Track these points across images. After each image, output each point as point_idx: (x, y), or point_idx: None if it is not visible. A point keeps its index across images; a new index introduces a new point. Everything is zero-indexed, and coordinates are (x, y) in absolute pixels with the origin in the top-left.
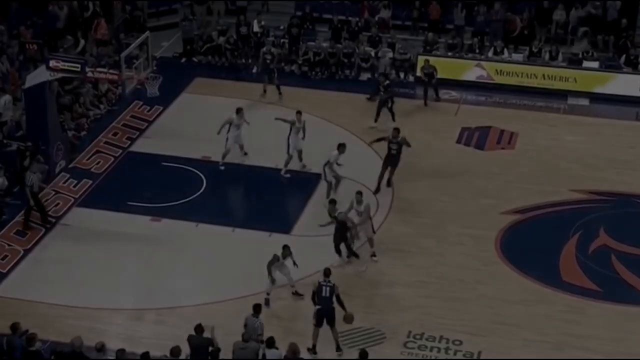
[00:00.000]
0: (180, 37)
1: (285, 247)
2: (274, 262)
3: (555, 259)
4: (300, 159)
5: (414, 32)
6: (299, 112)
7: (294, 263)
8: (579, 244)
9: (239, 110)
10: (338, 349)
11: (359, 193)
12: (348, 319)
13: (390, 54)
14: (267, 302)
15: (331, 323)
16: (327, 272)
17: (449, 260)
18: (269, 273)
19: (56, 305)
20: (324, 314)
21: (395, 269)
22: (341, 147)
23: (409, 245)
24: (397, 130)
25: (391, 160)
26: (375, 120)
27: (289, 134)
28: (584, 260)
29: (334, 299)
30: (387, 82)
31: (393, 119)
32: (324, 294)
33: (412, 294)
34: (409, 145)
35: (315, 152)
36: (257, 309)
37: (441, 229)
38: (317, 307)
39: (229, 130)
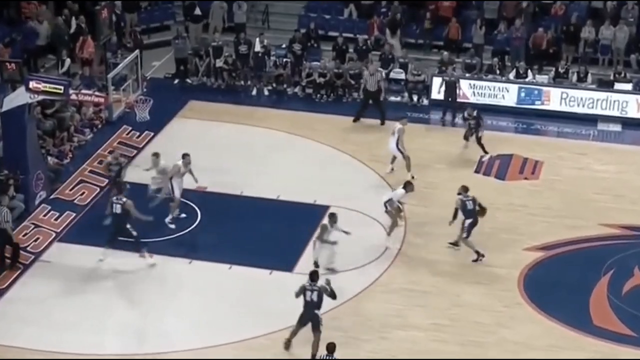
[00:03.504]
0: (172, 56)
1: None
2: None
3: (584, 300)
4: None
5: (426, 51)
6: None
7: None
8: (611, 283)
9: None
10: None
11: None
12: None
13: (380, 72)
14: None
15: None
16: (465, 188)
17: (467, 301)
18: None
19: (34, 350)
20: (475, 224)
21: (407, 309)
22: (409, 186)
23: (422, 284)
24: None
25: None
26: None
27: (397, 141)
28: (617, 302)
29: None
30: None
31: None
32: (469, 207)
33: (426, 338)
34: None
35: (321, 183)
36: (330, 347)
37: (458, 267)
38: (469, 220)
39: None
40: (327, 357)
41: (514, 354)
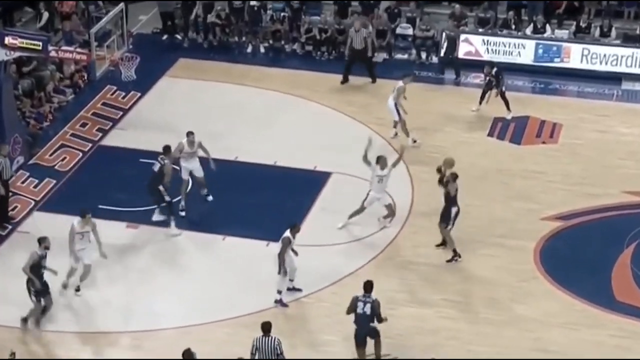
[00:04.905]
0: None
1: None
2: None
3: (606, 273)
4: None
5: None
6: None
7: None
8: (635, 256)
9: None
10: None
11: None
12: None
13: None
14: (281, 302)
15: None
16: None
17: (479, 276)
18: (282, 263)
19: (14, 328)
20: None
21: (414, 285)
22: (381, 160)
23: (431, 257)
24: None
25: None
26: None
27: (395, 102)
28: None
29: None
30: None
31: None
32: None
33: (434, 316)
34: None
35: (321, 147)
36: (266, 327)
37: (469, 238)
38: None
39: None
40: (265, 336)
41: (530, 332)
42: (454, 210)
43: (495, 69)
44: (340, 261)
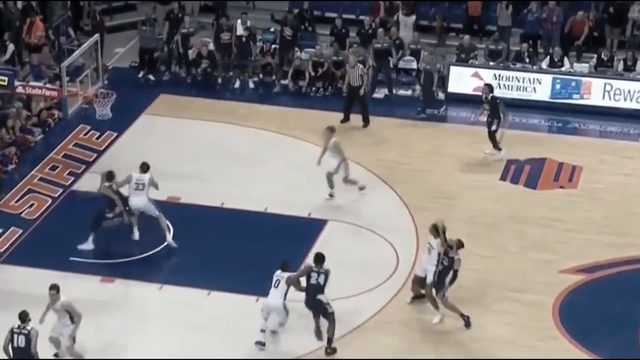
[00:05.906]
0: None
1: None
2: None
3: (633, 333)
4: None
5: (441, 36)
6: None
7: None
8: None
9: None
10: None
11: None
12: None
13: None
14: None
15: None
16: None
17: (492, 334)
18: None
19: None
20: None
21: (422, 344)
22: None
23: (438, 314)
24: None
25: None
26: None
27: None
28: None
29: None
30: None
31: None
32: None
33: None
34: None
35: (316, 192)
36: None
37: (481, 293)
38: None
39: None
40: None
41: None
42: (448, 278)
43: (492, 95)
44: (341, 317)
